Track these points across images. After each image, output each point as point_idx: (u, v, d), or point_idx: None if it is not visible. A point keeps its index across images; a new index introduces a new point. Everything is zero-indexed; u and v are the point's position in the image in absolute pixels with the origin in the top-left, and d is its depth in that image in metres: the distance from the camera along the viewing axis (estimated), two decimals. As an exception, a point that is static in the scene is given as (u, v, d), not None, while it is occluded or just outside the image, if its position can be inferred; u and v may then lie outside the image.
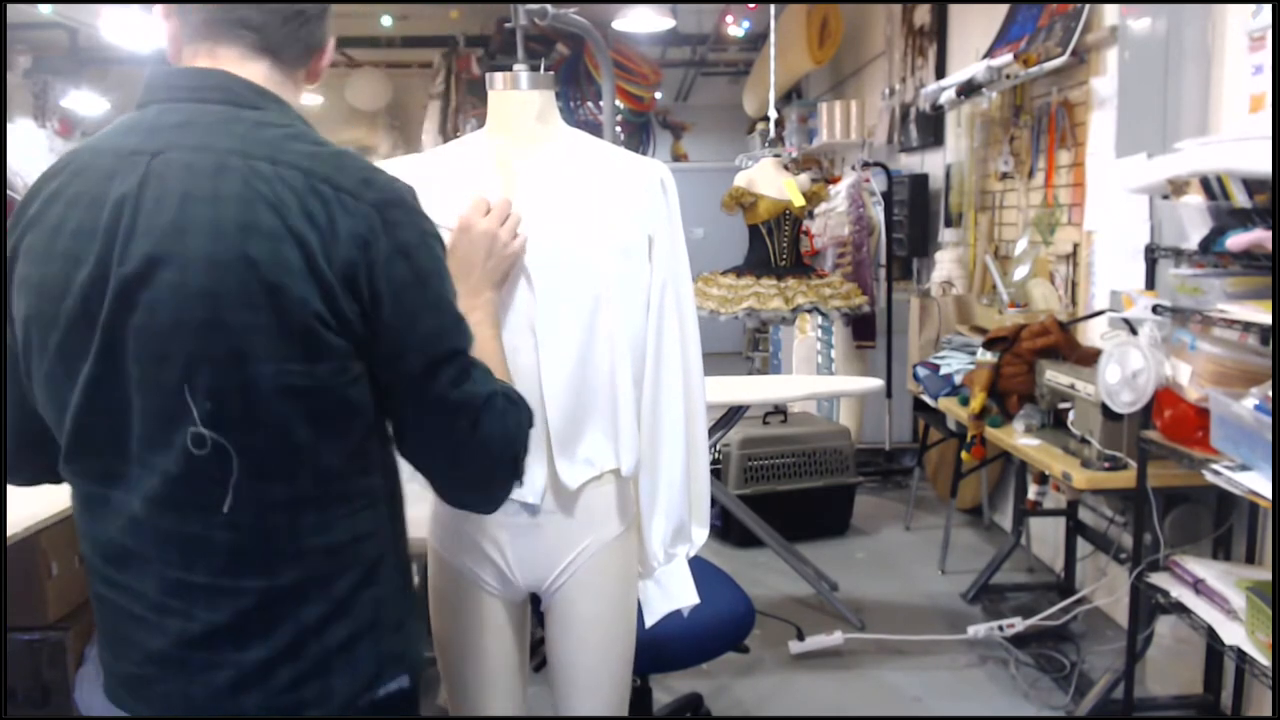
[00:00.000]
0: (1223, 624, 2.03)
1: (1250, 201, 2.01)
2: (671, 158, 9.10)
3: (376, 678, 1.15)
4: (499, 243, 1.34)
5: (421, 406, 1.10)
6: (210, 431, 1.02)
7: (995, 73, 3.71)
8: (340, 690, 1.12)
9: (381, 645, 1.15)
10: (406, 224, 1.06)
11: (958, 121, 4.61)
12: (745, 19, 7.22)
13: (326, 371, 1.03)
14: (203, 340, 1.00)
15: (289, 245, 1.00)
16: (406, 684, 1.19)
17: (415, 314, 1.06)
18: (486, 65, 7.47)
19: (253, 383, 1.01)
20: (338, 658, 1.11)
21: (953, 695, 2.93)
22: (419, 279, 1.06)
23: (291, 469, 1.06)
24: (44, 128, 7.87)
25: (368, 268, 1.02)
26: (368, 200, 1.04)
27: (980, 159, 4.40)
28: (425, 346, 1.07)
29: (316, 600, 1.10)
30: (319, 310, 1.01)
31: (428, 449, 1.13)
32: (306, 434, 1.04)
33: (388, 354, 1.06)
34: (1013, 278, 3.78)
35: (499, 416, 1.12)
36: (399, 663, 1.18)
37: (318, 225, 1.01)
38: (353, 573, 1.12)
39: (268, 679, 1.09)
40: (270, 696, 1.09)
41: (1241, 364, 2.06)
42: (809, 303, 4.22)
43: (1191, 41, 2.67)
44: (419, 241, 1.07)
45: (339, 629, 1.11)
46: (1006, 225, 4.18)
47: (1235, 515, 2.51)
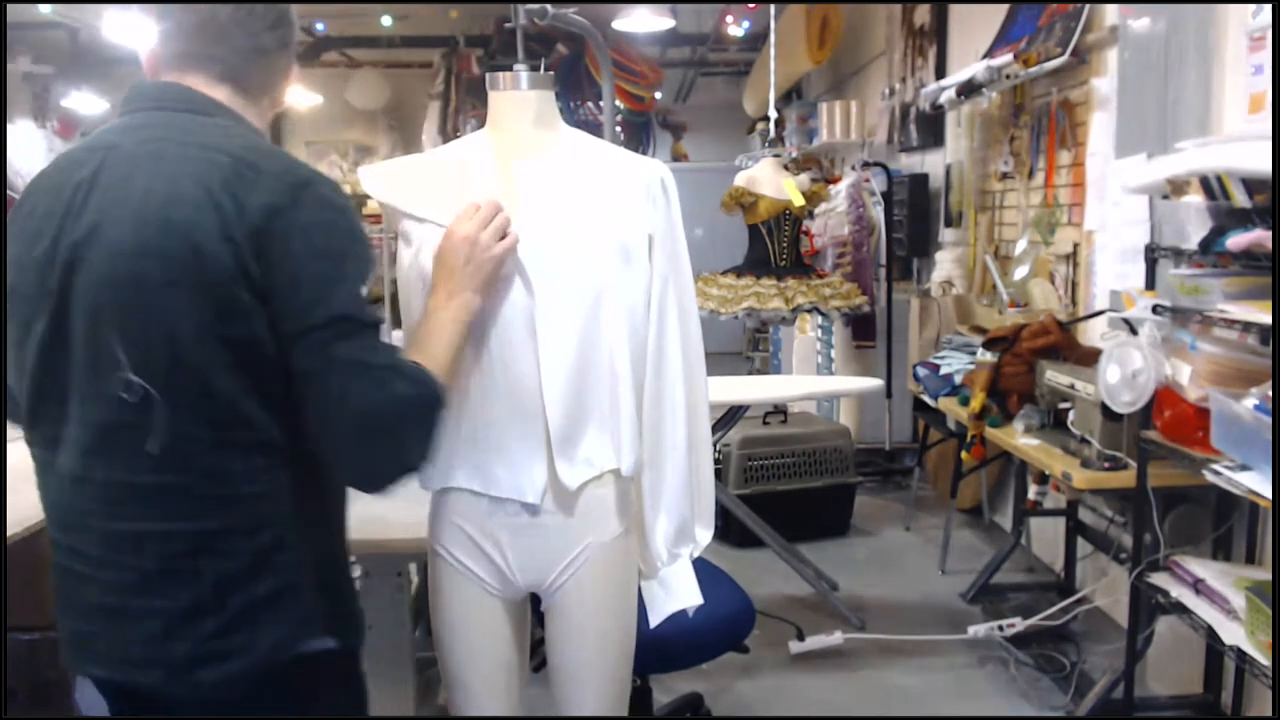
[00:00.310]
0: (1223, 624, 2.03)
1: (1250, 201, 2.01)
2: (671, 158, 9.10)
3: (300, 634, 1.21)
4: (479, 247, 1.33)
5: (302, 365, 1.15)
6: (138, 379, 1.14)
7: (995, 73, 3.70)
8: (263, 642, 1.18)
9: (306, 603, 1.21)
10: (316, 205, 1.17)
11: (958, 121, 4.61)
12: (745, 19, 7.22)
13: (241, 325, 1.13)
14: (131, 294, 1.13)
15: (207, 212, 1.13)
16: (334, 645, 1.24)
17: (303, 279, 1.14)
18: (486, 65, 7.47)
19: (175, 333, 1.13)
20: (262, 610, 1.18)
21: (953, 695, 2.93)
22: (315, 252, 1.15)
23: (212, 415, 1.15)
24: (44, 128, 7.87)
25: (271, 236, 1.13)
26: (285, 182, 1.16)
27: (980, 159, 4.40)
28: (309, 310, 1.14)
29: (240, 550, 1.17)
30: (230, 268, 1.12)
31: (309, 412, 1.16)
32: (226, 382, 1.15)
33: (278, 313, 1.14)
34: (1013, 278, 3.78)
35: (377, 385, 1.14)
36: (326, 623, 1.23)
37: (235, 197, 1.14)
38: (277, 526, 1.19)
39: (195, 626, 1.17)
40: (197, 644, 1.17)
41: (1241, 364, 2.06)
42: (809, 303, 4.22)
43: (1191, 41, 2.67)
44: (324, 220, 1.17)
45: (263, 581, 1.18)
46: (1006, 225, 4.18)
47: (1235, 515, 2.51)
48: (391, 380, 1.15)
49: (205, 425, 1.15)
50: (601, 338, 1.40)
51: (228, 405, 1.15)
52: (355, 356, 1.14)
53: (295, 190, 1.16)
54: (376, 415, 1.14)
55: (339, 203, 1.21)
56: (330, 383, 1.14)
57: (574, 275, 1.38)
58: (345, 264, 1.17)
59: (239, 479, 1.17)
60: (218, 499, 1.17)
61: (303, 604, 1.21)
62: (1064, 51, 3.34)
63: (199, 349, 1.13)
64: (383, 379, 1.15)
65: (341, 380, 1.13)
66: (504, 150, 1.46)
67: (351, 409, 1.13)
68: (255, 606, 1.18)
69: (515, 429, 1.40)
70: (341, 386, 1.13)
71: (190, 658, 1.17)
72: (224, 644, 1.17)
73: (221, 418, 1.15)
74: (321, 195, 1.18)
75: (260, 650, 1.18)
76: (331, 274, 1.15)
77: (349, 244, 1.19)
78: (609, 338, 1.40)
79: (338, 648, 1.25)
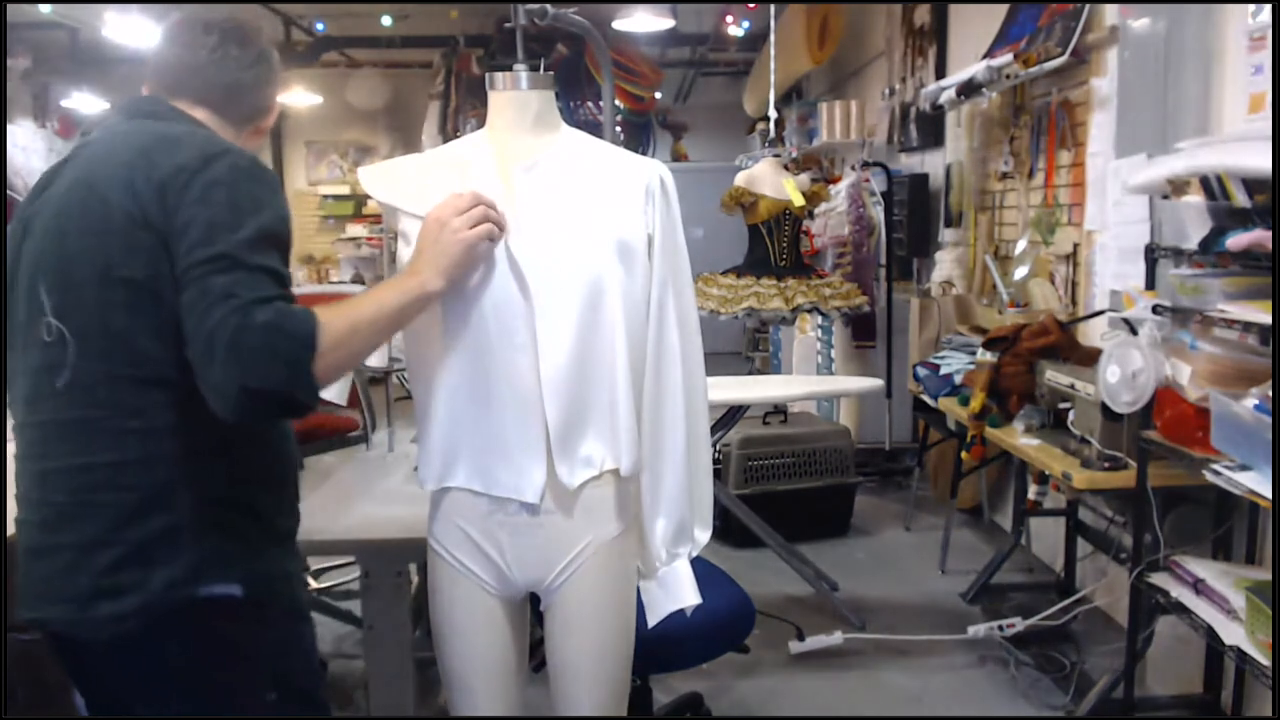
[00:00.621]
0: (1223, 624, 2.03)
1: (1250, 201, 2.00)
2: (671, 158, 9.09)
3: (198, 576, 1.24)
4: (447, 229, 1.33)
5: (183, 299, 1.21)
6: (55, 320, 1.27)
7: (995, 73, 3.70)
8: (157, 580, 1.23)
9: (206, 545, 1.25)
10: (226, 168, 1.27)
11: (958, 121, 4.61)
12: (745, 19, 7.22)
13: (139, 266, 1.24)
14: (52, 243, 1.29)
15: (121, 169, 1.27)
16: (238, 593, 1.27)
17: (196, 223, 1.23)
18: (486, 65, 7.46)
19: (81, 275, 1.26)
20: (157, 546, 1.24)
21: (953, 695, 2.93)
22: (214, 202, 1.24)
23: (110, 350, 1.26)
24: (44, 128, 7.87)
25: (175, 189, 1.25)
26: (202, 150, 1.28)
27: (980, 159, 4.40)
28: (194, 249, 1.22)
29: (136, 484, 1.24)
30: (132, 214, 1.25)
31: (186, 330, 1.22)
32: (124, 320, 1.25)
33: (174, 255, 1.23)
34: (1013, 278, 3.78)
35: (237, 312, 1.17)
36: (230, 568, 1.27)
37: (149, 159, 1.27)
38: (174, 463, 1.25)
39: (94, 560, 1.23)
40: (95, 578, 1.23)
41: (1241, 364, 2.06)
42: (809, 303, 4.22)
43: (1191, 41, 2.67)
44: (230, 180, 1.26)
45: (158, 517, 1.24)
46: (1006, 225, 4.18)
47: (1235, 515, 2.51)
48: (254, 309, 1.17)
49: (104, 360, 1.26)
50: (601, 338, 1.40)
51: (125, 342, 1.25)
52: (227, 289, 1.18)
53: (209, 156, 1.27)
54: (229, 339, 1.16)
55: (254, 172, 1.30)
56: (198, 310, 1.18)
57: (574, 275, 1.38)
58: (243, 216, 1.24)
59: (135, 413, 1.25)
60: (115, 432, 1.24)
61: (202, 546, 1.25)
62: (1064, 51, 3.34)
63: (100, 289, 1.25)
64: (245, 308, 1.17)
65: (207, 307, 1.17)
66: (504, 150, 1.46)
67: (206, 331, 1.17)
68: (150, 542, 1.23)
69: (515, 429, 1.40)
70: (205, 313, 1.17)
71: (90, 592, 1.23)
72: (119, 579, 1.23)
73: (119, 354, 1.26)
74: (235, 163, 1.28)
75: (154, 588, 1.23)
76: (225, 220, 1.23)
77: (252, 203, 1.26)
78: (609, 338, 1.40)
79: (241, 597, 1.27)
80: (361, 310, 1.28)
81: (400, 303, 1.31)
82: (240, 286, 1.19)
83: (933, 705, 2.88)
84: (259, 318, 1.17)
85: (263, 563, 1.33)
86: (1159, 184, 2.29)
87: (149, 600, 1.23)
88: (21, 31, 7.10)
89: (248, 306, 1.17)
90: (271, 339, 1.17)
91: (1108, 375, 2.37)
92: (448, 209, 1.34)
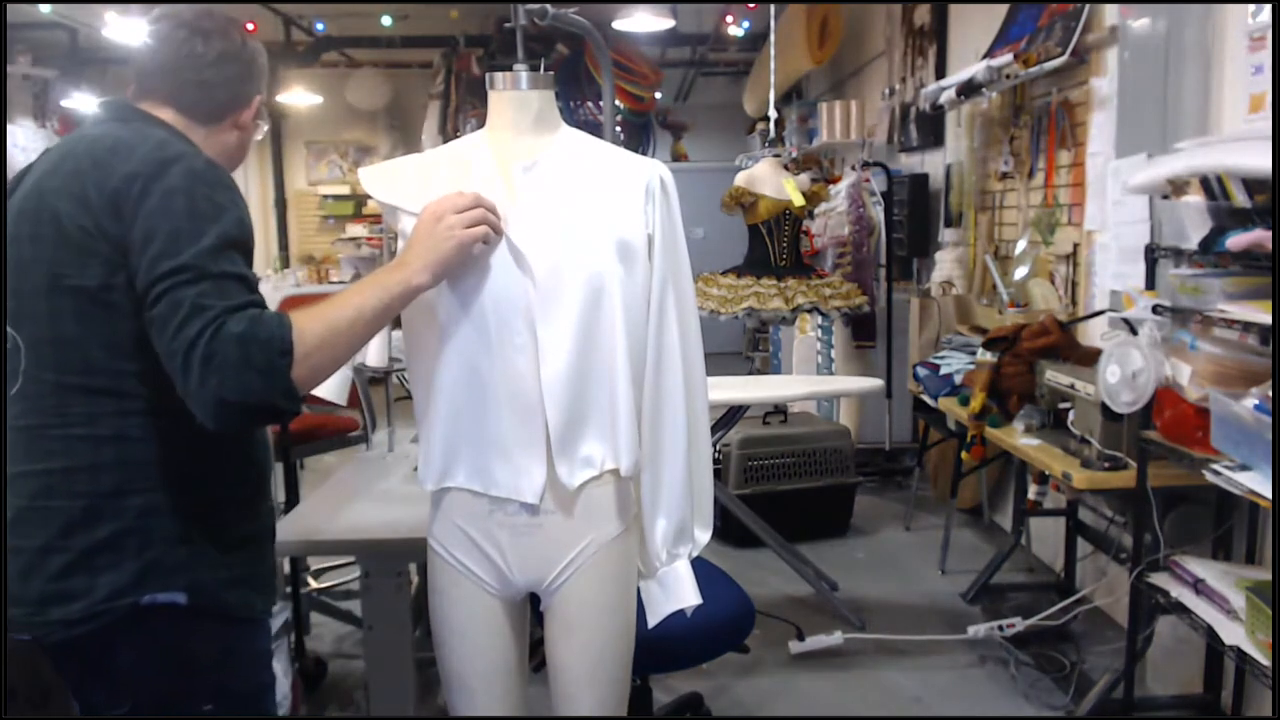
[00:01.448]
0: (1223, 624, 2.03)
1: (1250, 201, 2.01)
2: (671, 158, 9.10)
3: (141, 583, 1.24)
4: (441, 224, 1.32)
5: (149, 313, 1.21)
6: (11, 329, 1.29)
7: (995, 73, 3.70)
8: (102, 586, 1.23)
9: (150, 552, 1.26)
10: (181, 175, 1.26)
11: (958, 121, 4.61)
12: (745, 19, 7.22)
13: (91, 275, 1.25)
14: (13, 252, 1.30)
15: (73, 179, 1.27)
16: (182, 600, 1.27)
17: (156, 235, 1.22)
18: (486, 65, 7.46)
19: (33, 283, 1.27)
20: (102, 553, 1.24)
21: (953, 695, 2.93)
22: (171, 213, 1.23)
23: (60, 358, 1.26)
24: (44, 128, 7.86)
25: (130, 198, 1.24)
26: (154, 156, 1.27)
27: (980, 159, 4.40)
28: (157, 261, 1.21)
29: (83, 491, 1.25)
30: (84, 224, 1.25)
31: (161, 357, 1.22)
32: (73, 328, 1.26)
33: (135, 269, 1.23)
34: (1013, 278, 3.78)
35: (209, 323, 1.17)
36: (173, 576, 1.27)
37: (102, 166, 1.27)
38: (120, 471, 1.25)
39: (44, 565, 1.24)
40: (46, 583, 1.24)
41: (1241, 364, 2.06)
42: (809, 303, 4.22)
43: (1191, 41, 2.67)
44: (186, 188, 1.25)
45: (104, 524, 1.25)
46: (1006, 225, 4.18)
47: (1235, 515, 2.51)
48: (226, 320, 1.18)
49: (54, 369, 1.27)
50: (601, 338, 1.40)
51: (75, 351, 1.26)
52: (196, 302, 1.18)
53: (162, 162, 1.26)
54: (204, 353, 1.16)
55: (209, 176, 1.28)
56: (170, 326, 1.18)
57: (574, 275, 1.38)
58: (203, 224, 1.23)
59: (82, 421, 1.26)
60: (63, 439, 1.26)
61: (147, 554, 1.25)
62: (1064, 51, 3.34)
63: (50, 297, 1.26)
64: (217, 319, 1.17)
65: (180, 322, 1.17)
66: (504, 150, 1.46)
67: (182, 346, 1.17)
68: (95, 549, 1.24)
69: (515, 429, 1.40)
70: (179, 328, 1.17)
71: (41, 595, 1.24)
72: (68, 585, 1.24)
73: (69, 362, 1.26)
74: (190, 168, 1.27)
75: (99, 594, 1.23)
76: (186, 230, 1.22)
77: (210, 209, 1.25)
78: (609, 338, 1.40)
79: (185, 605, 1.27)
80: (341, 310, 1.26)
81: (383, 300, 1.29)
82: (209, 297, 1.19)
83: (933, 705, 2.88)
84: (232, 329, 1.17)
85: (212, 570, 1.31)
86: (1159, 184, 2.29)
87: (94, 606, 1.24)
88: (21, 31, 7.10)
89: (220, 317, 1.18)
90: (246, 349, 1.17)
91: (1108, 375, 2.37)
92: (446, 205, 1.34)
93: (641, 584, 1.53)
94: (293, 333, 1.20)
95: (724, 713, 2.84)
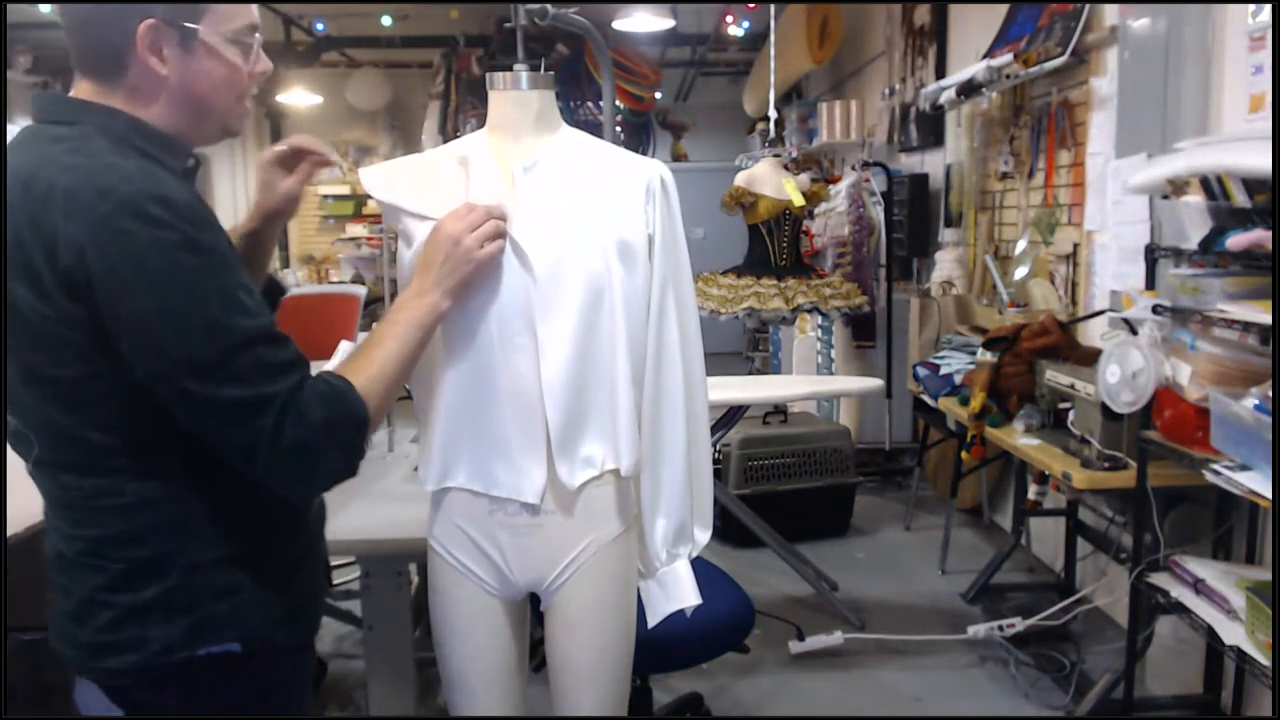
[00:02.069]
0: (1223, 624, 2.03)
1: (1250, 201, 2.01)
2: (671, 158, 9.10)
3: (194, 639, 1.20)
4: (460, 248, 1.32)
5: (176, 405, 1.12)
6: (13, 416, 1.19)
7: (995, 73, 3.70)
8: (154, 641, 1.19)
9: (200, 610, 1.20)
10: (137, 234, 1.05)
11: (958, 121, 4.61)
12: (745, 19, 7.22)
13: (68, 365, 1.11)
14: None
15: (17, 251, 1.09)
16: (237, 649, 1.23)
17: (146, 320, 1.07)
18: (486, 65, 7.46)
19: (13, 373, 1.15)
20: (149, 612, 1.19)
21: (953, 695, 2.93)
22: (148, 286, 1.06)
23: (56, 442, 1.17)
24: (44, 128, 7.87)
25: (88, 275, 1.06)
26: (98, 210, 1.05)
27: (980, 159, 4.40)
28: (165, 351, 1.08)
29: (118, 558, 1.18)
30: (45, 313, 1.09)
31: (212, 440, 1.14)
32: (62, 415, 1.14)
33: (130, 355, 1.10)
34: (1013, 278, 3.78)
35: (275, 419, 1.10)
36: (226, 629, 1.22)
37: (40, 229, 1.07)
38: (155, 535, 1.18)
39: (95, 616, 1.19)
40: (97, 632, 1.19)
41: (1241, 364, 2.06)
42: (809, 303, 4.22)
43: (1191, 41, 2.67)
44: (151, 250, 1.06)
45: (150, 586, 1.18)
46: (1006, 225, 4.18)
47: (1235, 515, 2.51)
48: (294, 406, 1.11)
49: (54, 451, 1.18)
50: (602, 338, 1.40)
51: (73, 437, 1.15)
52: (250, 399, 1.10)
53: (112, 219, 1.05)
54: (288, 447, 1.12)
55: (161, 218, 1.06)
56: (228, 428, 1.11)
57: (574, 275, 1.38)
58: (186, 293, 1.07)
59: (105, 492, 1.17)
60: (90, 510, 1.18)
61: (197, 611, 1.20)
62: (1064, 51, 3.34)
63: (28, 386, 1.14)
64: (282, 414, 1.11)
65: (239, 424, 1.11)
66: (504, 150, 1.46)
67: (247, 443, 1.11)
68: (141, 609, 1.18)
69: (515, 429, 1.40)
70: (240, 427, 1.11)
71: (94, 644, 1.20)
72: (118, 636, 1.19)
73: (73, 447, 1.16)
74: (146, 218, 1.06)
75: (153, 648, 1.19)
76: (168, 310, 1.07)
77: (185, 270, 1.07)
78: (609, 338, 1.40)
79: (241, 652, 1.23)
80: (391, 361, 1.24)
81: (420, 338, 1.29)
82: (260, 384, 1.10)
83: (933, 705, 2.88)
84: (312, 416, 1.12)
85: (264, 611, 1.26)
86: (1159, 184, 2.29)
87: (148, 660, 1.19)
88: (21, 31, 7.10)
89: (286, 407, 1.11)
90: (332, 435, 1.14)
91: (1108, 375, 2.37)
92: (461, 224, 1.33)
93: (641, 584, 1.53)
94: (365, 406, 1.18)
95: (724, 713, 2.84)
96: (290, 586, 1.29)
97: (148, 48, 1.14)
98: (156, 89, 1.17)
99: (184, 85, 1.18)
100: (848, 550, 4.20)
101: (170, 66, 1.16)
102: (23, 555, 2.16)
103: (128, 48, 1.14)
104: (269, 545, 1.27)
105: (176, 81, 1.17)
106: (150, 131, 1.17)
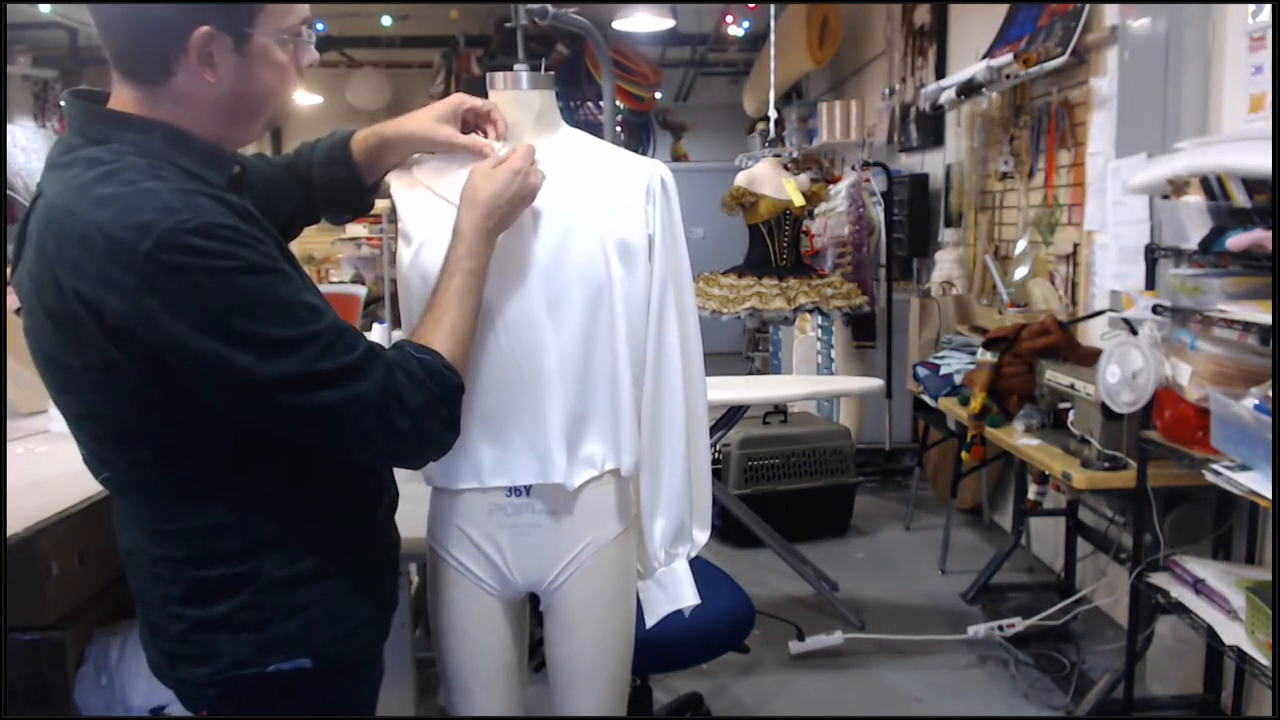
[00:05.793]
0: (1223, 624, 2.03)
1: (1250, 201, 2.01)
2: (671, 158, 9.10)
3: (264, 655, 1.21)
4: (520, 175, 1.32)
5: (276, 423, 1.12)
6: (86, 444, 1.19)
7: (995, 73, 3.70)
8: (225, 655, 1.20)
9: (270, 629, 1.21)
10: (191, 269, 1.01)
11: (958, 121, 4.61)
12: (745, 19, 7.22)
13: (117, 401, 1.10)
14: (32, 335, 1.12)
15: (75, 303, 1.03)
16: (308, 665, 1.23)
17: (220, 356, 1.03)
18: (486, 65, 7.46)
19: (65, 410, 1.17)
20: (220, 627, 1.20)
21: (953, 695, 2.93)
22: (212, 320, 1.03)
23: (118, 475, 1.19)
24: (44, 128, 7.87)
25: (144, 319, 1.02)
26: (140, 250, 1.00)
27: (980, 159, 4.40)
28: (256, 379, 1.05)
29: (181, 578, 1.19)
30: (87, 361, 1.07)
31: (318, 443, 1.16)
32: (119, 453, 1.16)
33: (209, 390, 1.08)
34: (1013, 278, 3.78)
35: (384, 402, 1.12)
36: (295, 646, 1.22)
37: (86, 278, 1.02)
38: (225, 560, 1.18)
39: (166, 627, 1.21)
40: (170, 642, 1.21)
41: (1241, 364, 2.06)
42: (810, 303, 4.22)
43: (1191, 41, 2.67)
44: (210, 283, 1.02)
45: (218, 604, 1.19)
46: (1006, 225, 4.18)
47: (1235, 515, 2.51)
48: (396, 393, 1.13)
49: (117, 481, 1.20)
50: (602, 338, 1.40)
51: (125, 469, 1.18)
52: (352, 396, 1.10)
53: (157, 254, 1.00)
54: (409, 430, 1.15)
55: (209, 249, 1.02)
56: (340, 431, 1.13)
57: (574, 275, 1.38)
58: (248, 323, 1.04)
59: (167, 518, 1.18)
60: (155, 533, 1.19)
61: (266, 630, 1.20)
62: (1064, 51, 3.34)
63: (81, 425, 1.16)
64: (387, 400, 1.12)
65: (328, 435, 1.13)
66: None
67: (360, 434, 1.13)
68: (211, 623, 1.19)
69: (516, 429, 1.40)
70: (332, 426, 1.12)
71: (167, 654, 1.23)
72: (191, 648, 1.20)
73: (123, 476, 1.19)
74: (185, 250, 1.01)
75: (224, 661, 1.20)
76: (246, 340, 1.04)
77: (240, 291, 1.04)
78: (609, 338, 1.40)
79: (312, 668, 1.23)
80: (463, 320, 1.26)
81: (473, 284, 1.28)
82: (349, 385, 1.10)
83: (933, 705, 2.89)
84: (412, 400, 1.14)
85: (333, 625, 1.25)
86: (1159, 184, 2.29)
87: (220, 673, 1.20)
88: (21, 31, 7.11)
89: (387, 405, 1.12)
90: (436, 414, 1.18)
91: (1108, 375, 2.37)
92: (519, 156, 1.34)
93: (640, 584, 1.53)
94: (459, 375, 1.21)
95: (724, 713, 2.84)
96: (360, 602, 1.29)
97: (198, 55, 1.08)
98: (204, 95, 1.11)
99: (235, 90, 1.12)
100: (848, 550, 4.20)
101: (221, 73, 1.10)
102: (23, 555, 2.16)
103: (176, 52, 1.08)
104: (339, 563, 1.27)
105: (228, 88, 1.12)
106: (192, 144, 1.12)
